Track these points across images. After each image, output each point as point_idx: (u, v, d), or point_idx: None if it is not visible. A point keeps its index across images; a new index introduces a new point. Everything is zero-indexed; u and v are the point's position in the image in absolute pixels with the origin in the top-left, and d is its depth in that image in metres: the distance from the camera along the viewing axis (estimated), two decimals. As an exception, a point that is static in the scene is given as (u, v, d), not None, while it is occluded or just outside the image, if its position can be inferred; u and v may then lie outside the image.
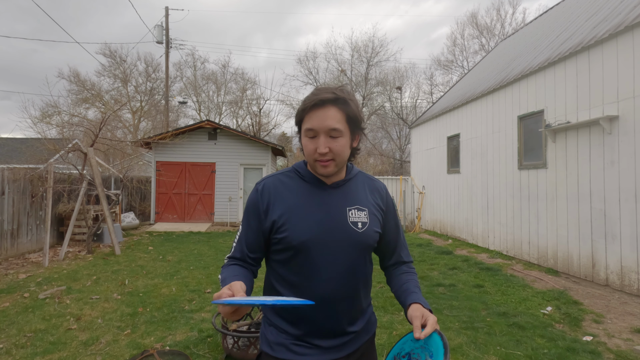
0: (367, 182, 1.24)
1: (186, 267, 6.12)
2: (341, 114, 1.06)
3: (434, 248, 7.98)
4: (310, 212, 1.11)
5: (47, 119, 10.31)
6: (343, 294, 1.12)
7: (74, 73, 22.64)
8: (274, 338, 1.14)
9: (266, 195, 1.14)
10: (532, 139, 6.57)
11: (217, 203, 12.12)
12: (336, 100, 1.05)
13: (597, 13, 6.18)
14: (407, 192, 12.47)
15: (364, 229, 1.14)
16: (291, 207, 1.12)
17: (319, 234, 1.09)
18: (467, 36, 25.89)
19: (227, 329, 2.96)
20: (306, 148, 1.09)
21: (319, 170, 1.11)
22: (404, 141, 23.84)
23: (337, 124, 1.05)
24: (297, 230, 1.09)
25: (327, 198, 1.14)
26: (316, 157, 1.08)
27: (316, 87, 1.11)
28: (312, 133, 1.06)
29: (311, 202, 1.13)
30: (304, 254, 1.09)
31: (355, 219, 1.14)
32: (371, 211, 1.18)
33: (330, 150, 1.06)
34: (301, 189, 1.15)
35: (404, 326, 3.61)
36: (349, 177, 1.19)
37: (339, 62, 25.50)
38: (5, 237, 6.72)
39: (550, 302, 4.32)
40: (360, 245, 1.13)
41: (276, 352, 1.12)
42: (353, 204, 1.16)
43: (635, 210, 4.59)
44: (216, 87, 26.61)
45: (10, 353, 3.07)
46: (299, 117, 1.10)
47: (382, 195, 1.25)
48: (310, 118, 1.06)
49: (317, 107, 1.05)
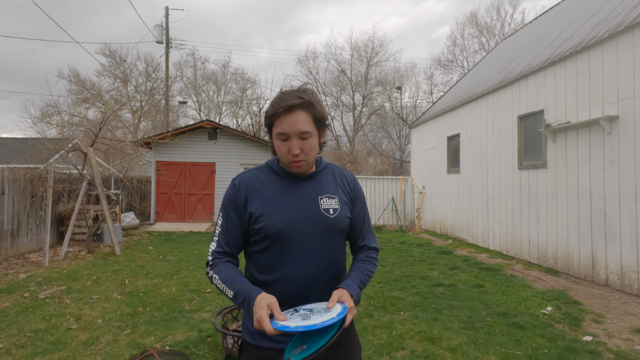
0: (336, 173, 1.33)
1: (186, 267, 6.12)
2: (309, 117, 1.14)
3: (434, 248, 7.98)
4: (284, 202, 1.19)
5: (47, 118, 10.31)
6: (320, 278, 1.19)
7: (74, 73, 22.69)
8: (254, 328, 1.16)
9: (243, 189, 1.22)
10: (532, 139, 6.57)
11: (217, 203, 12.12)
12: (303, 105, 1.13)
13: (597, 13, 6.18)
14: (407, 192, 12.46)
15: (335, 215, 1.22)
16: (267, 199, 1.20)
17: (294, 222, 1.17)
18: (467, 36, 25.91)
19: (227, 329, 2.96)
20: (279, 150, 1.17)
21: (294, 169, 1.20)
22: (404, 141, 23.84)
23: (307, 126, 1.14)
24: (274, 220, 1.16)
25: (300, 189, 1.23)
26: (290, 159, 1.17)
27: (282, 92, 1.18)
28: (284, 137, 1.15)
29: (285, 193, 1.21)
30: (281, 241, 1.16)
31: (327, 206, 1.22)
32: (341, 198, 1.27)
33: (302, 151, 1.15)
34: (275, 182, 1.23)
35: (404, 326, 3.61)
36: (318, 169, 1.29)
37: (338, 62, 25.55)
38: (5, 237, 6.72)
39: (550, 302, 4.32)
40: (333, 229, 1.21)
41: (257, 341, 1.17)
42: (324, 192, 1.25)
43: (635, 210, 4.59)
44: (216, 87, 26.63)
45: (11, 353, 3.07)
46: (268, 120, 1.18)
47: (350, 184, 1.33)
48: (281, 122, 1.13)
49: (286, 113, 1.12)
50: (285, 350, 1.01)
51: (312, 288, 1.17)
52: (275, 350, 1.16)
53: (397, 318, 3.84)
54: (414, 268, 6.10)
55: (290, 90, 1.19)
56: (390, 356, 3.02)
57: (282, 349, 1.15)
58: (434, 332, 3.46)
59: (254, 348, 1.18)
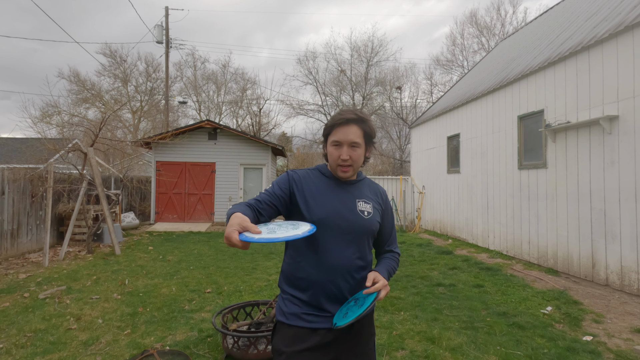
0: (372, 186, 1.56)
1: (186, 267, 6.12)
2: (360, 131, 1.38)
3: (434, 248, 7.98)
4: (328, 198, 1.41)
5: (47, 118, 10.28)
6: (348, 268, 1.37)
7: (74, 73, 22.67)
8: (287, 309, 1.38)
9: (297, 177, 1.45)
10: (532, 139, 6.57)
11: (217, 203, 12.12)
12: (357, 120, 1.38)
13: (597, 13, 6.18)
14: (407, 192, 12.46)
15: (369, 217, 1.43)
16: (314, 191, 1.42)
17: (334, 215, 1.37)
18: (467, 35, 25.91)
19: (227, 329, 2.95)
20: (331, 155, 1.40)
21: (340, 174, 1.42)
22: (404, 141, 23.83)
23: (357, 138, 1.37)
24: (317, 210, 1.37)
25: (342, 191, 1.45)
26: (339, 163, 1.39)
27: (341, 109, 1.48)
28: (337, 144, 1.38)
29: (329, 191, 1.43)
30: (320, 229, 1.33)
31: (363, 208, 1.44)
32: (374, 206, 1.48)
33: (350, 158, 1.38)
34: (323, 181, 1.46)
35: (404, 326, 3.61)
36: (359, 179, 1.51)
37: (338, 62, 25.52)
38: (5, 237, 6.72)
39: (550, 302, 4.32)
40: (365, 229, 1.42)
41: (290, 320, 1.36)
42: (361, 197, 1.47)
43: (635, 210, 4.59)
44: (216, 87, 26.62)
45: (11, 353, 3.07)
46: (327, 131, 1.42)
47: (383, 197, 1.57)
48: (337, 132, 1.38)
49: (342, 125, 1.37)
50: (334, 318, 1.30)
51: (340, 276, 1.35)
52: (306, 329, 1.34)
53: (397, 318, 3.84)
54: (414, 268, 6.10)
55: (348, 108, 1.55)
56: (390, 356, 3.02)
57: (313, 328, 1.34)
58: (434, 332, 3.46)
59: (287, 326, 1.36)
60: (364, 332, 1.45)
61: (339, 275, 1.35)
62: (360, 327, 1.42)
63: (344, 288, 1.36)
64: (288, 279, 1.42)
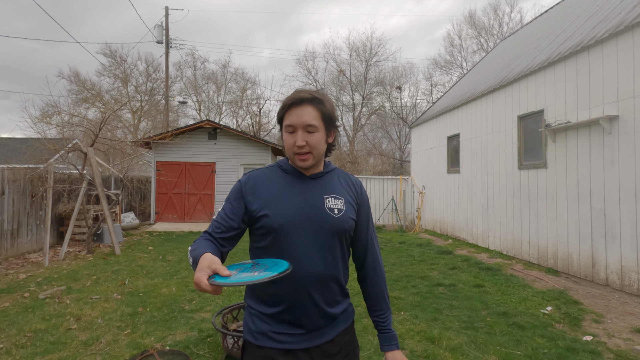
0: (343, 177, 1.35)
1: (186, 267, 6.11)
2: (317, 112, 1.18)
3: (434, 248, 7.98)
4: (290, 198, 1.20)
5: (47, 118, 10.27)
6: (320, 276, 1.18)
7: (74, 73, 22.69)
8: (255, 327, 1.20)
9: (250, 184, 1.24)
10: (532, 139, 6.57)
11: (217, 203, 12.11)
12: (312, 100, 1.18)
13: (597, 13, 6.18)
14: (407, 192, 12.46)
15: (340, 215, 1.22)
16: (273, 194, 1.21)
17: (298, 218, 1.18)
18: (465, 36, 25.92)
19: (227, 329, 2.96)
20: (286, 142, 1.21)
21: (298, 163, 1.21)
22: (403, 141, 23.84)
23: (313, 120, 1.17)
24: (278, 214, 1.17)
25: (306, 187, 1.24)
26: (295, 151, 1.19)
27: (295, 90, 1.23)
28: (291, 129, 1.19)
29: (291, 190, 1.23)
30: (284, 236, 1.16)
31: (332, 205, 1.23)
32: (347, 200, 1.27)
33: (307, 143, 1.18)
34: (282, 179, 1.25)
35: (404, 326, 3.61)
36: (326, 171, 1.31)
37: (337, 62, 25.52)
38: (5, 237, 6.72)
39: (550, 302, 4.33)
40: (337, 229, 1.21)
41: (258, 341, 1.18)
42: (330, 192, 1.26)
43: (635, 210, 4.59)
44: (216, 87, 26.63)
45: (11, 353, 3.07)
46: (279, 115, 1.23)
47: (357, 189, 1.34)
48: (290, 115, 1.18)
49: (295, 106, 1.18)
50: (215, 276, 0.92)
51: (314, 287, 1.17)
52: (277, 350, 1.16)
53: (397, 318, 3.84)
54: (414, 268, 6.10)
55: (303, 89, 1.25)
56: (390, 356, 3.02)
57: (285, 349, 1.16)
58: (434, 332, 3.46)
59: (256, 347, 1.18)
60: (345, 347, 1.26)
61: (312, 287, 1.16)
62: (340, 342, 1.24)
63: (320, 300, 1.18)
64: (254, 294, 1.24)
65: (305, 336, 1.18)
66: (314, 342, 1.19)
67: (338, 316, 1.25)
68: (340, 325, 1.26)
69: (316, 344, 1.19)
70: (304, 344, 1.17)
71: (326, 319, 1.21)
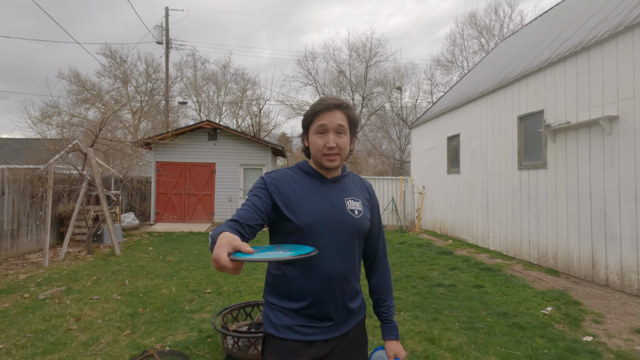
0: (357, 180, 1.45)
1: (186, 268, 6.11)
2: (345, 117, 1.28)
3: (434, 248, 7.98)
4: (315, 200, 1.27)
5: (47, 119, 10.30)
6: (343, 272, 1.27)
7: (74, 73, 22.69)
8: (278, 321, 1.26)
9: (275, 181, 1.29)
10: (532, 139, 6.57)
11: (217, 203, 12.12)
12: (341, 106, 1.27)
13: (597, 13, 6.19)
14: (407, 192, 12.46)
15: (360, 216, 1.32)
16: (298, 194, 1.27)
17: (323, 218, 1.24)
18: (467, 36, 25.92)
19: (227, 330, 2.95)
20: (316, 144, 1.27)
21: (326, 163, 1.27)
22: (404, 141, 23.83)
23: (344, 123, 1.27)
24: (304, 214, 1.23)
25: (328, 189, 1.32)
26: (325, 152, 1.26)
27: (321, 97, 1.33)
28: (322, 129, 1.25)
29: (315, 191, 1.29)
30: (309, 235, 1.22)
31: (352, 207, 1.32)
32: (363, 202, 1.38)
33: (337, 145, 1.25)
34: (306, 181, 1.31)
35: (404, 326, 3.61)
36: (343, 174, 1.39)
37: (337, 62, 25.52)
38: (5, 237, 6.72)
39: (550, 302, 4.32)
40: (357, 229, 1.30)
41: (282, 334, 1.24)
42: (350, 195, 1.35)
43: (635, 210, 4.59)
44: (216, 88, 26.63)
45: (10, 353, 3.07)
46: (308, 120, 1.29)
47: (370, 192, 1.46)
48: (321, 118, 1.26)
49: (326, 111, 1.26)
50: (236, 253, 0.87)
51: (336, 284, 1.25)
52: (301, 342, 1.23)
53: (397, 318, 3.84)
54: (414, 268, 6.10)
55: (329, 96, 1.36)
56: (390, 356, 3.02)
57: (308, 341, 1.23)
58: (434, 332, 3.46)
59: (279, 340, 1.24)
60: (357, 339, 1.38)
61: (335, 283, 1.25)
62: (354, 334, 1.35)
63: (341, 295, 1.27)
64: (276, 292, 1.30)
65: (326, 328, 1.26)
66: (334, 333, 1.27)
67: (356, 309, 1.35)
68: (356, 318, 1.36)
69: (335, 335, 1.28)
70: (325, 335, 1.25)
71: (347, 312, 1.30)
